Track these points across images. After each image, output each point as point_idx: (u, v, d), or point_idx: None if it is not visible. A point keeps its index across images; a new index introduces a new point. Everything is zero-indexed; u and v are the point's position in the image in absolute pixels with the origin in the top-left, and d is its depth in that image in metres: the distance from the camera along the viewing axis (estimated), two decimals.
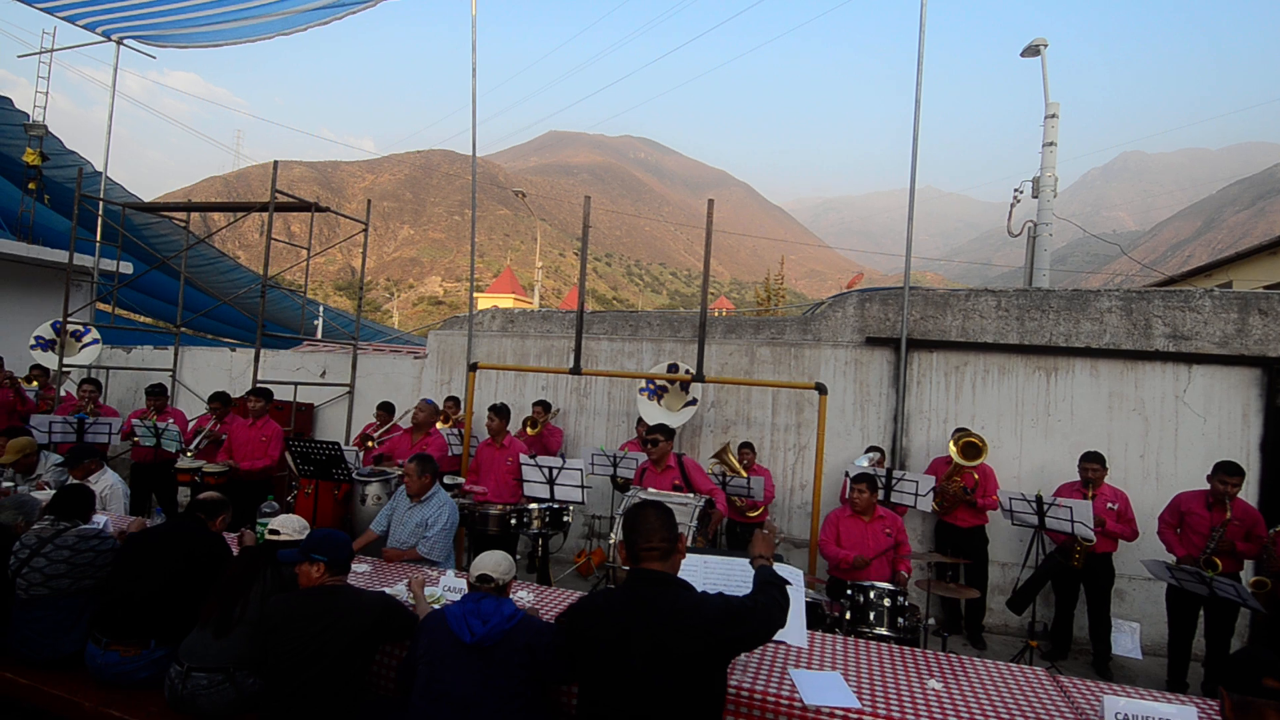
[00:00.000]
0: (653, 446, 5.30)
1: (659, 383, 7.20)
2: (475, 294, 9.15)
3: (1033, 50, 9.71)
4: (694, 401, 7.12)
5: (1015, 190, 9.39)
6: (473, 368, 6.68)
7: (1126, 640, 4.44)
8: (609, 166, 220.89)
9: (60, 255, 9.27)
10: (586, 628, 2.36)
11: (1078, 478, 5.50)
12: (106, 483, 5.09)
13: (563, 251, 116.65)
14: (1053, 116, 9.37)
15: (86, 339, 8.66)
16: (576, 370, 6.15)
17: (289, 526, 3.34)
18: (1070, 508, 4.89)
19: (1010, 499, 5.22)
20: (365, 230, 8.93)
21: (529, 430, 7.39)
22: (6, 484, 5.11)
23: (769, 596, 2.40)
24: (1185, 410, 6.11)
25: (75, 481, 5.08)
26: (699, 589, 2.41)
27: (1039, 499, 5.04)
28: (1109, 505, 5.32)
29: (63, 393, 7.90)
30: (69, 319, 8.32)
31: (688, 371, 6.90)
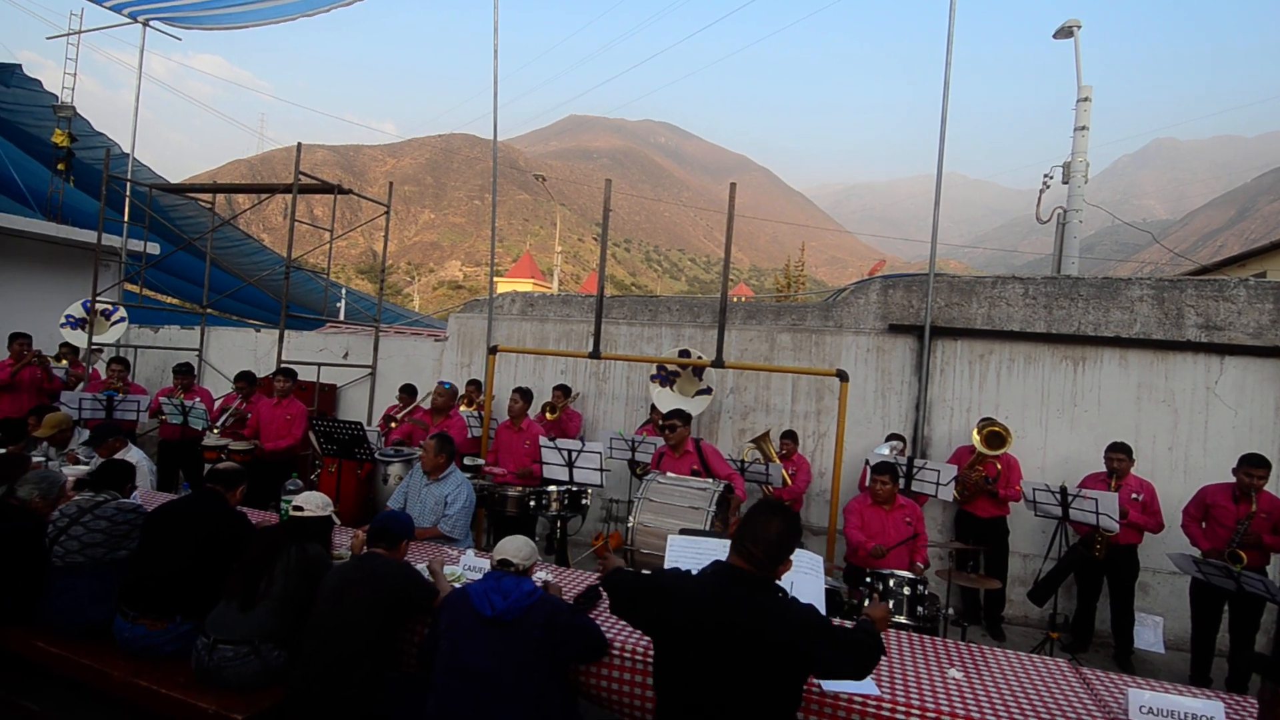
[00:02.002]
0: (670, 432, 5.29)
1: (670, 369, 7.18)
2: (494, 278, 9.18)
3: (1065, 32, 9.47)
4: (708, 390, 7.09)
5: (1045, 176, 9.21)
6: (493, 351, 6.70)
7: (1149, 634, 4.38)
8: (629, 151, 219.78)
9: (89, 235, 9.38)
10: (670, 612, 2.24)
11: (1103, 469, 5.42)
12: (132, 460, 5.18)
13: (581, 237, 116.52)
14: (1085, 100, 9.16)
15: (115, 318, 8.81)
16: (595, 354, 6.15)
17: (312, 503, 3.38)
18: (1095, 499, 4.82)
19: (1034, 489, 5.15)
20: (387, 213, 8.97)
21: (548, 415, 7.41)
22: (39, 458, 5.23)
23: (865, 638, 2.25)
24: (1216, 402, 5.98)
25: (102, 459, 5.20)
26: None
27: (1063, 490, 4.97)
28: (1134, 496, 5.25)
29: (91, 371, 8.06)
30: (98, 298, 8.47)
31: (700, 357, 6.87)
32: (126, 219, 10.04)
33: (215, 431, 6.51)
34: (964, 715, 2.49)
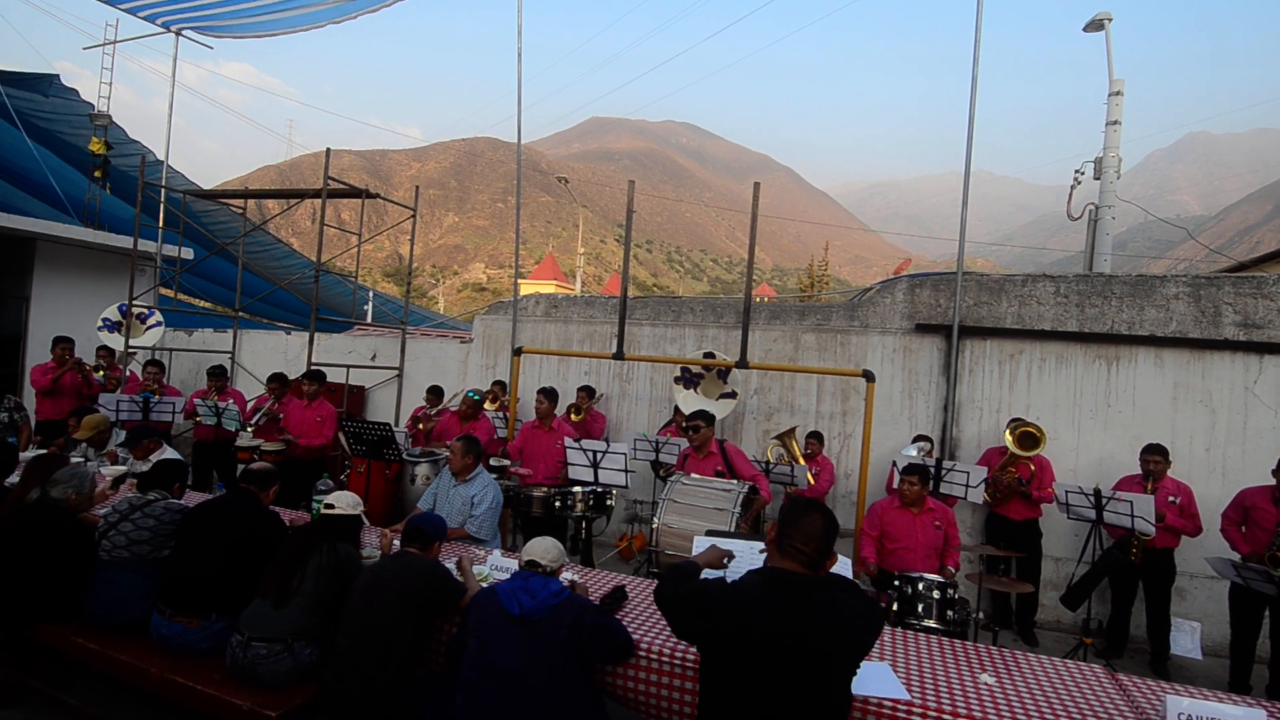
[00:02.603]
0: (694, 433, 5.28)
1: (695, 370, 7.17)
2: (518, 280, 9.26)
3: (1096, 25, 9.29)
4: (733, 394, 7.05)
5: (1076, 171, 9.04)
6: (517, 352, 6.75)
7: (1186, 640, 4.29)
8: (651, 152, 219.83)
9: (125, 241, 9.63)
10: (726, 621, 2.14)
11: (1138, 471, 5.31)
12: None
13: (603, 238, 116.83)
14: (1117, 94, 8.97)
15: (150, 321, 9.01)
16: (619, 355, 6.16)
17: (343, 501, 3.44)
18: (1130, 502, 4.72)
19: (1067, 492, 5.06)
20: (414, 216, 9.07)
21: (573, 416, 7.44)
22: (78, 458, 5.37)
23: None
24: (1255, 402, 5.82)
25: (138, 459, 5.34)
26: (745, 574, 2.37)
27: (1097, 492, 4.88)
28: (1171, 499, 5.13)
29: (128, 373, 8.25)
30: (134, 302, 8.68)
31: (710, 356, 6.85)
32: (161, 225, 10.27)
33: (248, 432, 6.63)
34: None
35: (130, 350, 8.74)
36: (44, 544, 3.51)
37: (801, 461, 6.18)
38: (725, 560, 2.83)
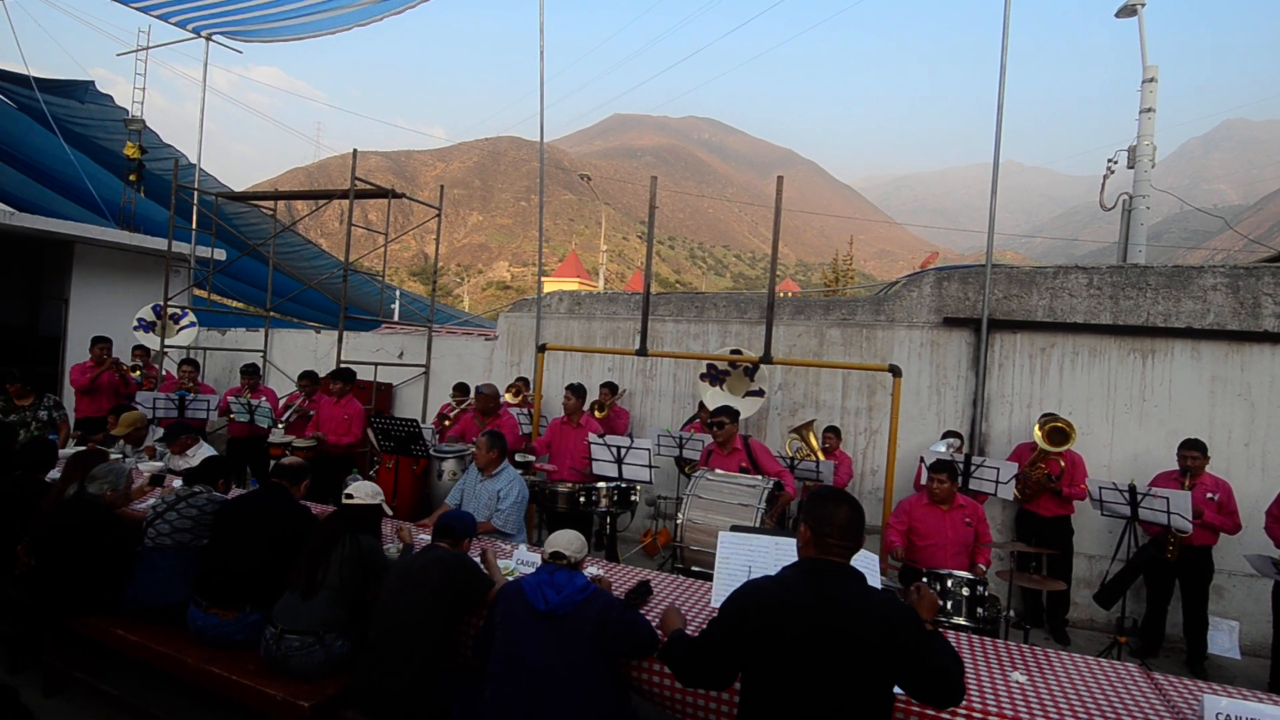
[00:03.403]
0: (718, 429, 5.27)
1: (721, 367, 7.14)
2: (541, 278, 9.30)
3: (1129, 10, 9.06)
4: (760, 393, 7.01)
5: (1109, 161, 8.84)
6: (541, 349, 6.79)
7: (1224, 639, 4.20)
8: (673, 148, 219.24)
9: (160, 243, 9.84)
10: (770, 619, 2.08)
11: (1174, 466, 5.19)
12: (203, 455, 5.43)
13: (625, 235, 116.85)
14: (1151, 80, 8.75)
15: (184, 321, 9.21)
16: (643, 352, 6.17)
17: (362, 491, 3.52)
18: (1167, 498, 4.62)
19: (1100, 488, 4.96)
20: (439, 215, 9.16)
21: (596, 413, 7.46)
22: (116, 454, 5.52)
23: (957, 663, 2.09)
24: None
25: (175, 455, 5.47)
26: (769, 571, 2.35)
27: (1132, 488, 4.78)
28: (1209, 495, 5.00)
29: (164, 372, 8.45)
30: (168, 303, 8.88)
31: (737, 353, 6.82)
32: (195, 227, 10.50)
33: (280, 429, 6.76)
34: (1029, 719, 2.42)
35: (165, 349, 8.95)
36: (83, 538, 3.62)
37: (820, 455, 6.13)
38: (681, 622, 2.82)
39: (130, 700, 3.51)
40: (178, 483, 4.56)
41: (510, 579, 3.32)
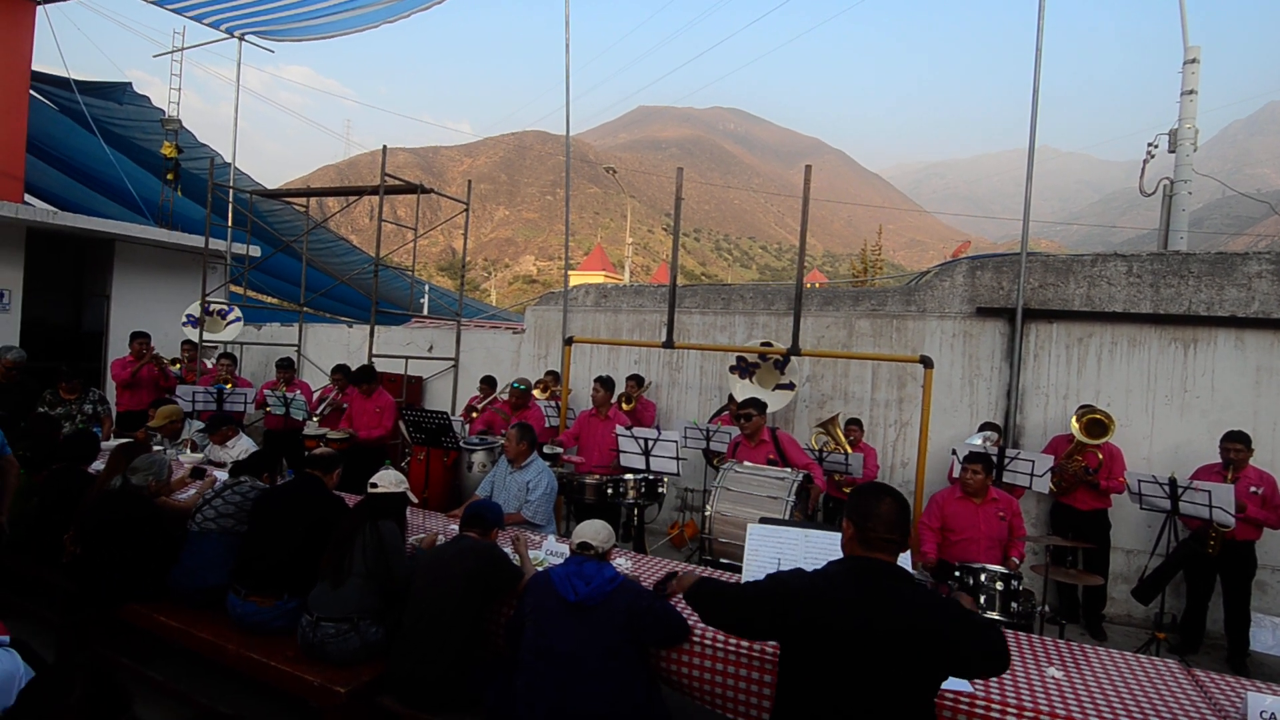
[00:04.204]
0: (746, 421, 5.25)
1: (750, 360, 7.10)
2: (567, 271, 9.34)
3: None
4: (790, 385, 6.96)
5: (1149, 145, 8.58)
6: (568, 342, 6.81)
7: (1267, 636, 4.06)
8: (698, 139, 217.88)
9: (197, 240, 10.07)
10: (816, 615, 2.06)
11: (1216, 459, 5.05)
12: (243, 447, 5.58)
13: (650, 228, 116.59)
14: (1193, 61, 8.46)
15: (230, 318, 9.43)
16: (669, 344, 6.16)
17: (387, 480, 3.58)
18: (1209, 491, 4.50)
19: (1139, 481, 4.85)
20: (467, 210, 9.23)
21: (624, 406, 7.48)
22: (156, 446, 5.67)
23: (998, 633, 2.09)
24: None
25: (216, 445, 5.61)
26: (799, 564, 2.33)
27: (1173, 482, 4.66)
28: (1252, 489, 4.86)
29: (209, 365, 8.66)
30: (208, 299, 9.10)
31: (767, 345, 6.77)
32: (230, 224, 10.72)
33: (314, 421, 6.89)
34: (1065, 715, 2.38)
35: (210, 344, 9.17)
36: (128, 528, 3.74)
37: (848, 449, 6.08)
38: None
39: (173, 686, 3.62)
40: (218, 473, 4.71)
41: (539, 569, 3.35)
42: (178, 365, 8.02)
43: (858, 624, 2.00)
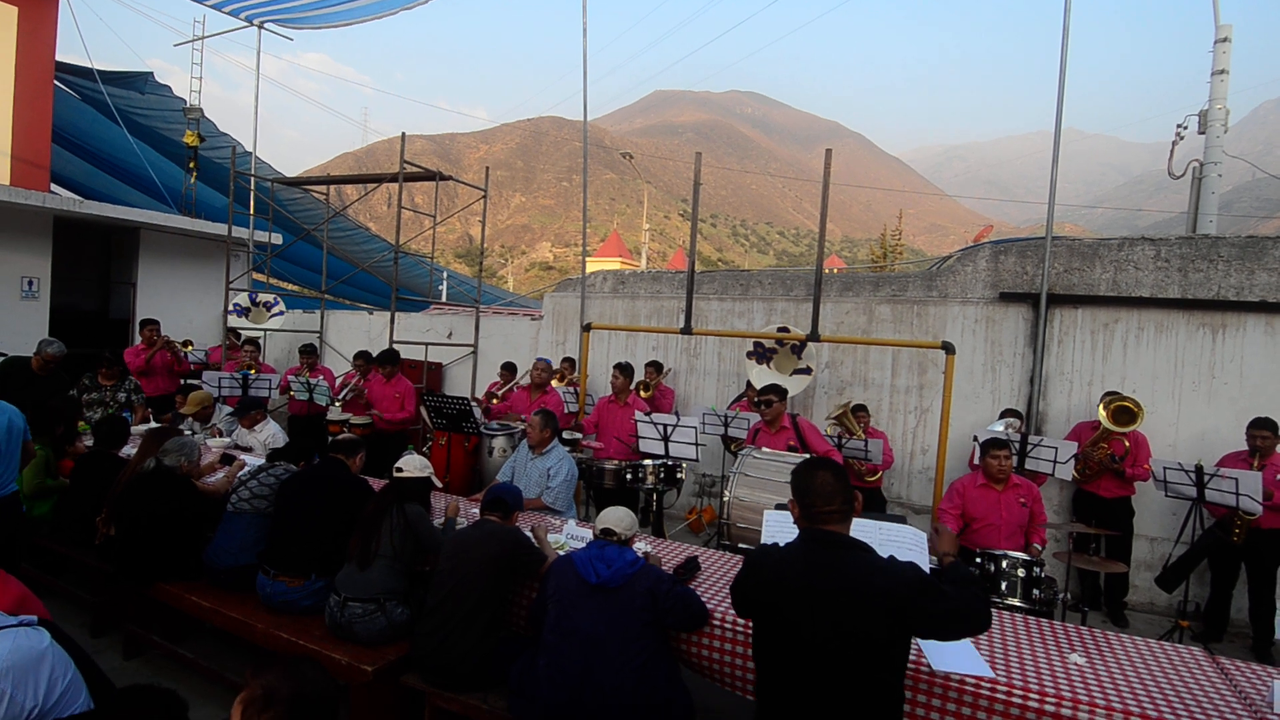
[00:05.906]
0: (766, 407, 5.25)
1: (768, 345, 7.08)
2: (585, 258, 9.34)
3: None
4: (807, 370, 6.93)
5: (1179, 126, 8.39)
6: (586, 328, 6.83)
7: None
8: (715, 124, 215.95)
9: (220, 228, 10.18)
10: (771, 579, 2.21)
11: (1243, 446, 4.97)
12: (270, 431, 5.68)
13: (667, 214, 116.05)
14: (1224, 40, 8.24)
15: (275, 310, 9.56)
16: (687, 330, 6.16)
17: (411, 465, 3.64)
18: (1236, 479, 4.44)
19: (1165, 468, 4.79)
20: (484, 197, 9.26)
21: (642, 393, 7.49)
22: (187, 431, 5.79)
23: (970, 592, 2.16)
24: None
25: (244, 429, 5.71)
26: None
27: (1199, 469, 4.60)
28: (1279, 477, 4.79)
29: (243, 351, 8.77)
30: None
31: (784, 330, 6.74)
32: (252, 212, 10.83)
33: (337, 406, 6.99)
34: (1088, 701, 2.38)
35: (237, 331, 9.31)
36: (163, 509, 3.83)
37: (863, 436, 6.05)
38: None
39: (203, 664, 3.72)
40: (246, 456, 4.81)
41: (561, 552, 3.39)
42: (189, 347, 8.11)
43: (801, 586, 2.12)
